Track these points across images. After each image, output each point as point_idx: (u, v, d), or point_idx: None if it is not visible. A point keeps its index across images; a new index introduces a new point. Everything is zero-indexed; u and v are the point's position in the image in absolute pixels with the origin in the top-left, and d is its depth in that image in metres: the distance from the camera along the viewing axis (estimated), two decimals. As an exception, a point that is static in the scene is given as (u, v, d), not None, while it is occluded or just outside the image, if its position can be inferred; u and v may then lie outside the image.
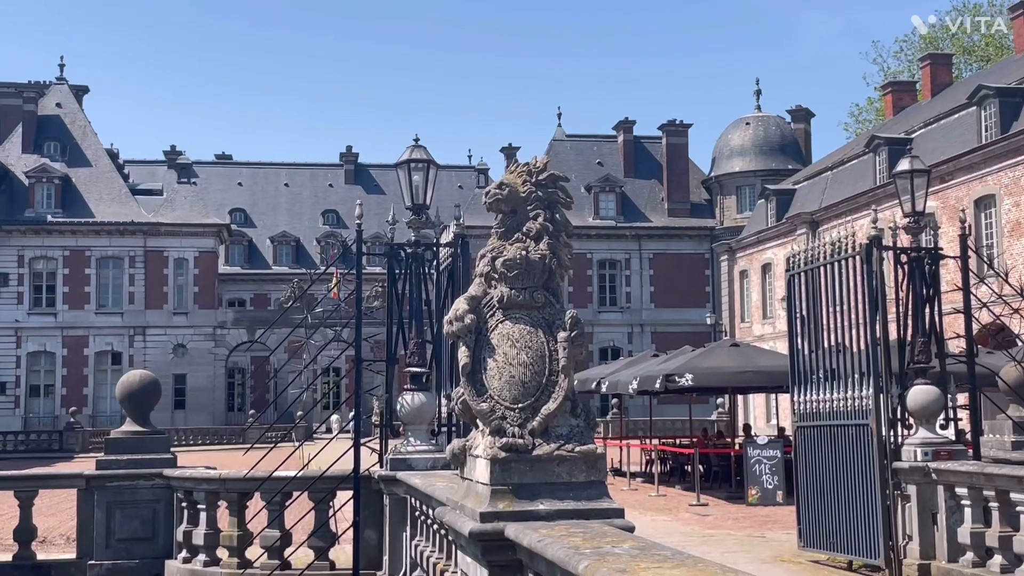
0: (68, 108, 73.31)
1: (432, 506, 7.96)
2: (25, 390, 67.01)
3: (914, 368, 14.00)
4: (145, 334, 68.14)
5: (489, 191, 5.74)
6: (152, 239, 69.15)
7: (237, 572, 11.82)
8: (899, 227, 14.86)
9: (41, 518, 13.65)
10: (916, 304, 14.24)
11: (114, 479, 13.23)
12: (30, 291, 67.67)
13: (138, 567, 12.88)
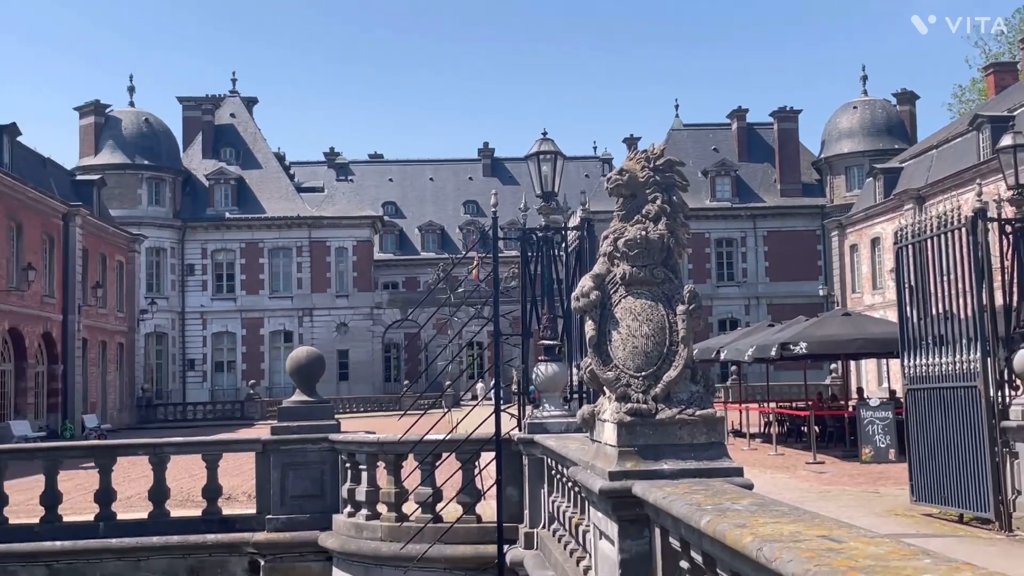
0: (241, 118, 75.14)
1: (566, 466, 7.91)
2: (211, 366, 69.17)
3: (1020, 332, 13.56)
4: (312, 315, 69.60)
5: (610, 177, 5.76)
6: (316, 231, 70.58)
7: (395, 525, 11.95)
8: (1003, 200, 14.45)
9: (226, 478, 13.98)
10: (1021, 272, 13.79)
11: (287, 444, 13.49)
12: (213, 280, 69.70)
13: (309, 521, 13.12)
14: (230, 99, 75.92)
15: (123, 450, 14.48)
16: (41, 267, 44.70)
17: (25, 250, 43.23)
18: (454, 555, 11.45)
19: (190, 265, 69.62)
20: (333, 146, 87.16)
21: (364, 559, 12.11)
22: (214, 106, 74.80)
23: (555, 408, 10.71)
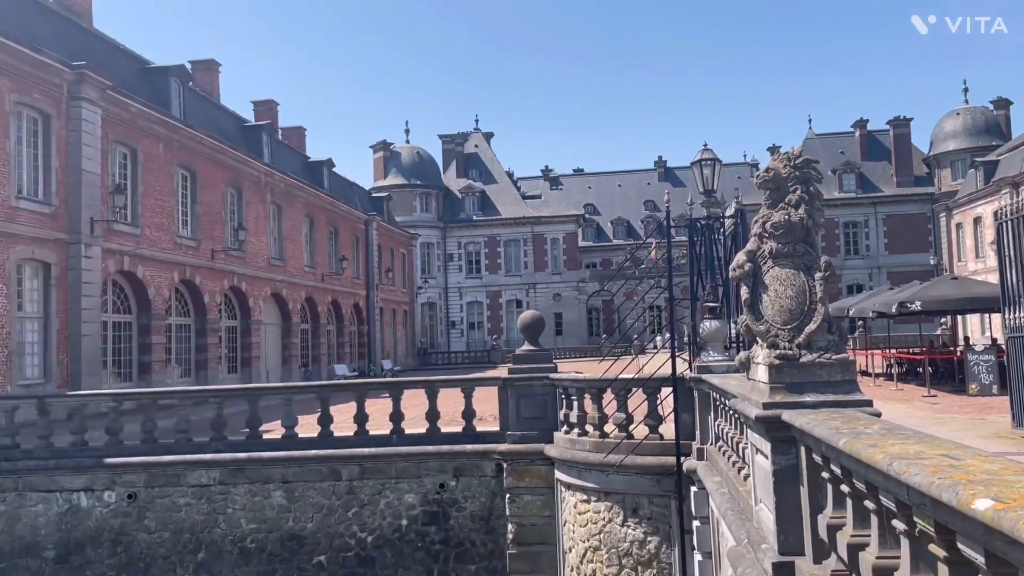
0: (482, 147, 76.84)
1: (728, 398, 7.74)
2: (466, 325, 71.39)
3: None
4: (535, 288, 70.74)
5: (759, 175, 5.71)
6: (536, 227, 71.70)
7: (599, 440, 11.98)
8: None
9: (477, 404, 14.28)
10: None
11: (519, 381, 13.72)
12: (465, 264, 71.86)
13: (536, 436, 13.30)
14: (474, 134, 77.80)
15: (408, 385, 15.07)
16: (351, 258, 47.06)
17: (340, 247, 45.64)
18: (643, 464, 11.39)
19: (450, 254, 72.07)
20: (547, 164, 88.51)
21: (577, 465, 12.20)
22: (463, 140, 76.93)
23: (717, 354, 10.58)
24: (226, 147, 32.06)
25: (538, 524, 13.14)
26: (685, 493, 10.84)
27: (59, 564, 13.92)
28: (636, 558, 11.51)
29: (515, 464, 13.31)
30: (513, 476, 13.28)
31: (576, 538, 12.30)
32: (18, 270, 21.49)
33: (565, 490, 12.66)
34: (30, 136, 22.25)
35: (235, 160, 32.86)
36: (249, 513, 13.78)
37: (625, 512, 11.62)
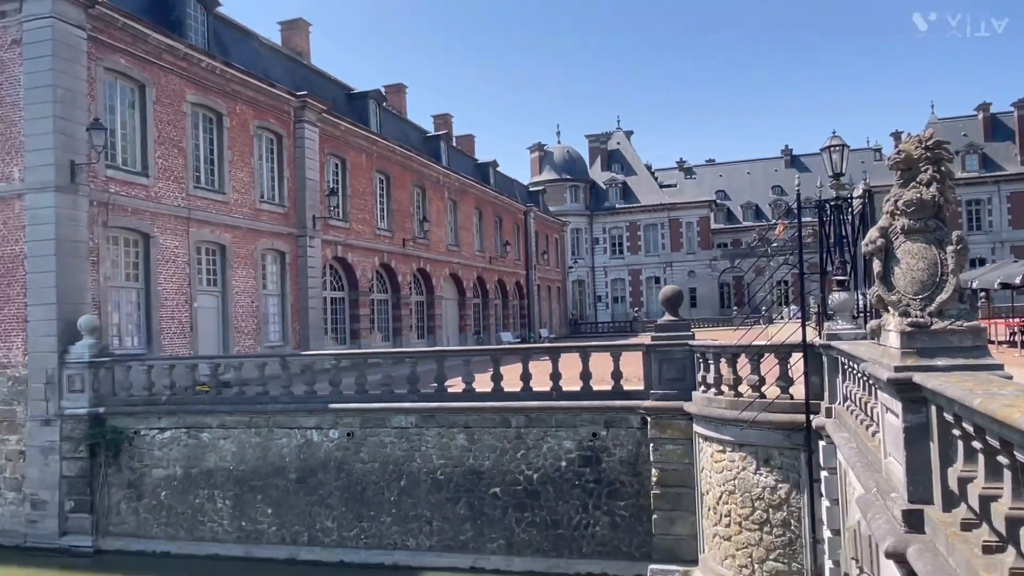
0: (623, 144, 75.73)
1: (857, 362, 7.40)
2: (611, 299, 70.92)
3: None
4: (671, 266, 69.22)
5: (891, 157, 5.54)
6: (672, 212, 70.09)
7: (733, 399, 11.70)
8: None
9: (624, 367, 14.21)
10: None
11: (661, 346, 13.54)
12: (609, 246, 71.26)
13: (676, 395, 13.11)
14: (616, 133, 76.70)
15: (564, 350, 15.15)
16: (513, 243, 47.75)
17: (504, 234, 46.38)
18: (775, 420, 11.05)
19: (596, 238, 71.68)
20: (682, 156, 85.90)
21: (714, 420, 11.98)
22: (606, 138, 76.08)
23: (845, 323, 10.09)
24: (412, 154, 33.25)
25: (678, 469, 13.03)
26: (813, 447, 10.47)
27: (299, 484, 14.97)
28: (767, 501, 11.24)
29: (658, 418, 13.21)
30: (656, 428, 13.20)
31: (712, 482, 12.13)
32: (262, 257, 23.20)
33: (703, 441, 12.48)
34: (268, 153, 23.93)
35: (419, 165, 34.04)
36: (439, 451, 14.32)
37: (758, 462, 11.35)
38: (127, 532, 15.96)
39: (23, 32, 16.67)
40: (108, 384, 16.37)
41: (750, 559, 11.38)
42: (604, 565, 13.30)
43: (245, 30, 25.19)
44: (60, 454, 16.15)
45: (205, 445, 15.62)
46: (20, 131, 16.72)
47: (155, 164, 19.24)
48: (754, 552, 11.35)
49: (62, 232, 16.46)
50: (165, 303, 19.23)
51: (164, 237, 19.32)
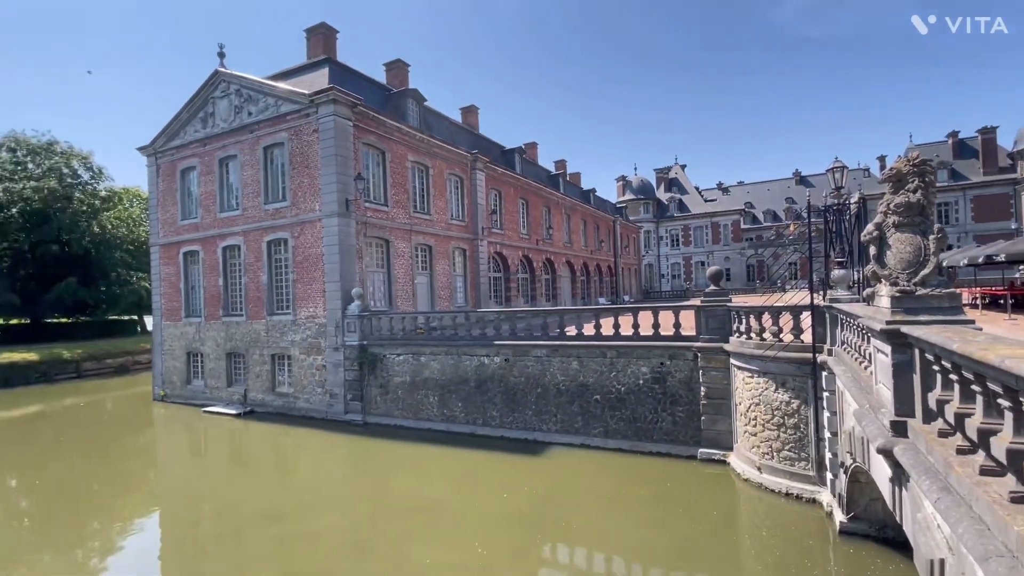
0: (679, 174, 71.50)
1: (854, 318, 6.66)
2: (670, 276, 67.36)
3: None
4: (712, 254, 64.87)
5: (884, 172, 5.06)
6: (712, 219, 65.57)
7: (759, 342, 10.90)
8: None
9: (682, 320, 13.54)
10: None
11: (708, 307, 12.77)
12: (669, 242, 67.60)
13: (718, 338, 12.37)
14: (675, 166, 72.42)
15: (641, 309, 14.65)
16: (606, 241, 46.54)
17: (600, 235, 45.28)
18: (789, 356, 10.20)
19: (660, 236, 68.18)
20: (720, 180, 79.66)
21: (744, 356, 11.23)
22: (668, 170, 72.05)
23: (843, 292, 9.07)
24: (541, 187, 33.11)
25: (719, 387, 12.37)
26: (817, 375, 9.59)
27: (476, 389, 15.42)
28: (783, 411, 10.45)
29: (705, 354, 12.57)
30: (704, 360, 12.57)
31: (743, 397, 11.42)
32: (452, 253, 23.98)
33: (736, 370, 11.76)
34: (455, 189, 24.64)
35: (546, 193, 33.85)
36: (561, 371, 14.35)
37: (776, 384, 10.56)
38: (380, 413, 16.98)
39: (319, 124, 18.06)
40: (368, 328, 17.39)
41: (771, 448, 10.65)
42: (668, 447, 12.92)
43: (440, 114, 25.98)
44: (344, 367, 17.43)
45: (422, 364, 16.30)
46: (318, 182, 18.14)
47: (391, 198, 20.25)
48: (773, 444, 10.61)
49: (341, 240, 17.74)
50: (397, 281, 20.22)
51: (396, 242, 20.29)
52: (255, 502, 10.91)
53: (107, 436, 17.42)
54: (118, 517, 10.66)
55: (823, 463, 9.74)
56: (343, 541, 8.99)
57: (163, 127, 22.26)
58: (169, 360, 22.71)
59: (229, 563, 8.38)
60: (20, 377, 28.45)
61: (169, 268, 22.79)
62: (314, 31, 20.79)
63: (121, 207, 42.80)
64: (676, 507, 9.89)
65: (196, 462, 14.50)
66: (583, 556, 8.34)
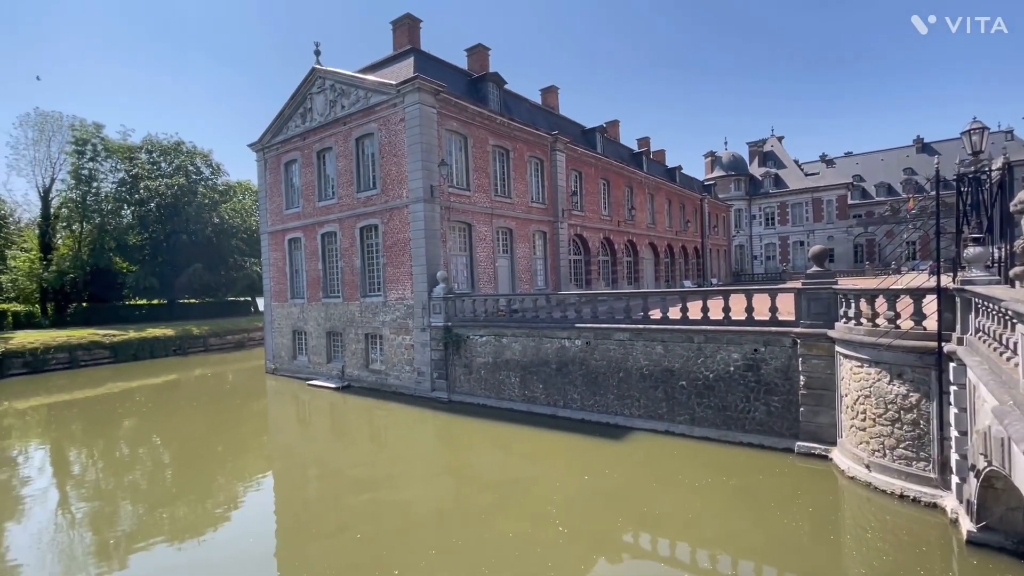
0: (775, 146, 65.89)
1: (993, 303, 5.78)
2: (764, 257, 62.77)
3: None
4: (813, 233, 59.30)
5: None
6: (814, 194, 59.79)
7: (871, 328, 9.88)
8: None
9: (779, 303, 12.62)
10: None
11: (810, 290, 11.78)
12: (763, 220, 62.77)
13: (821, 324, 11.40)
14: (770, 139, 66.76)
15: (733, 291, 13.84)
16: (693, 221, 44.28)
17: (686, 215, 43.11)
18: (907, 345, 9.16)
19: (753, 215, 63.50)
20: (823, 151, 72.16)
21: (853, 343, 10.25)
22: (762, 143, 66.63)
23: (979, 272, 7.88)
24: (623, 166, 32.07)
25: (821, 377, 11.41)
26: (943, 367, 8.52)
27: (557, 371, 15.40)
28: (899, 405, 9.43)
29: (805, 340, 11.63)
30: (804, 347, 11.63)
31: (851, 388, 10.45)
32: (533, 236, 23.98)
33: (843, 358, 10.76)
34: (535, 171, 24.56)
35: (628, 172, 32.77)
36: (644, 355, 13.96)
37: (891, 375, 9.53)
38: (464, 391, 17.51)
39: (404, 113, 18.74)
40: (452, 309, 17.82)
41: (882, 445, 9.70)
42: (761, 439, 12.19)
43: (520, 96, 25.90)
44: (430, 347, 18.08)
45: (504, 345, 16.56)
46: (405, 170, 18.91)
47: (473, 183, 20.62)
48: (885, 441, 9.64)
49: (427, 225, 18.39)
50: (479, 264, 20.56)
51: (478, 225, 20.63)
52: (352, 469, 11.85)
53: (228, 403, 19.69)
54: (239, 475, 12.07)
55: (947, 465, 8.71)
56: (429, 510, 9.52)
57: (269, 124, 24.25)
58: (278, 337, 25.09)
59: (332, 522, 9.20)
60: (161, 349, 32.96)
61: (276, 254, 25.03)
62: (399, 22, 21.47)
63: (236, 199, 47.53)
64: (768, 501, 9.35)
65: (302, 430, 15.98)
66: (666, 544, 8.17)
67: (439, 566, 7.61)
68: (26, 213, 43.99)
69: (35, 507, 10.31)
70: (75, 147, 38.46)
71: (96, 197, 39.30)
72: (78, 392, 22.38)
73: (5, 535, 9.16)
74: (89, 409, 19.20)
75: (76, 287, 38.22)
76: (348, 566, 7.71)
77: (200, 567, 7.89)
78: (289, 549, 8.44)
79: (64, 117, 39.01)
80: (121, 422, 17.10)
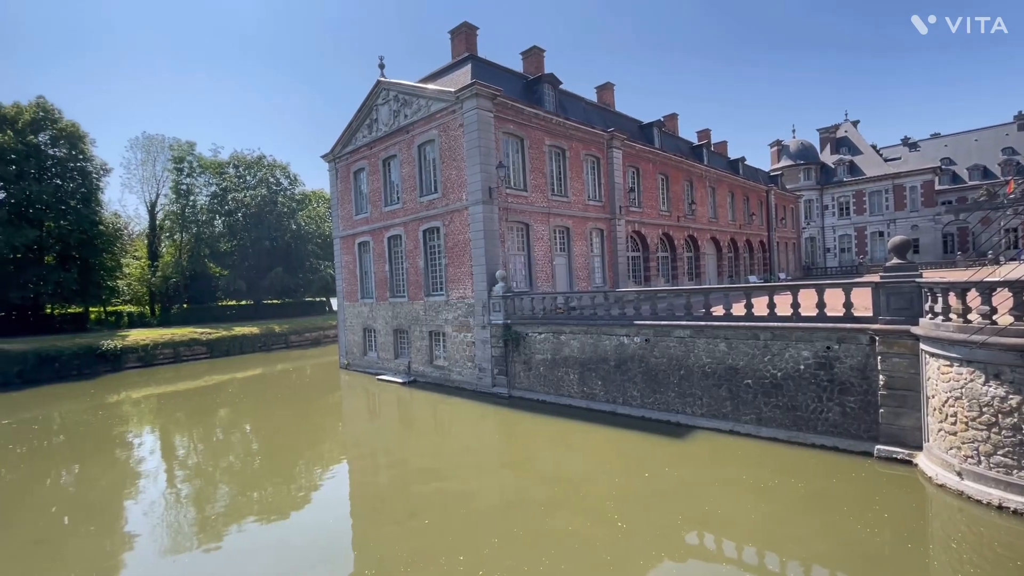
0: (850, 131, 61.06)
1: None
2: (838, 250, 58.31)
3: None
4: (895, 222, 54.35)
5: None
6: (896, 180, 54.67)
7: (962, 324, 8.96)
8: None
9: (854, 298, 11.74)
10: None
11: (889, 284, 10.89)
12: (837, 211, 58.31)
13: (903, 320, 10.51)
14: (844, 124, 61.86)
15: (802, 286, 13.05)
16: (758, 214, 41.99)
17: (751, 207, 40.92)
18: (1006, 343, 8.26)
19: (825, 205, 59.11)
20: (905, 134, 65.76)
21: (941, 341, 9.36)
22: (835, 129, 61.90)
23: (1093, 262, 6.97)
24: (681, 159, 30.98)
25: (904, 377, 10.51)
26: (1050, 366, 7.59)
27: (616, 368, 15.15)
28: (997, 408, 8.52)
29: (885, 337, 10.76)
30: (884, 345, 10.76)
31: (939, 389, 9.55)
32: (590, 234, 23.68)
33: (929, 357, 9.86)
34: (591, 169, 24.26)
35: (687, 166, 31.61)
36: (706, 353, 13.46)
37: (986, 375, 8.62)
38: (523, 387, 17.59)
39: (463, 118, 19.13)
40: (511, 307, 17.93)
41: (976, 452, 8.80)
42: (835, 441, 11.42)
43: (576, 95, 25.66)
44: (490, 344, 18.31)
45: (562, 342, 16.48)
46: (464, 173, 19.29)
47: (530, 183, 20.68)
48: (980, 447, 8.75)
49: (486, 226, 18.65)
50: (537, 263, 20.58)
51: (536, 225, 20.63)
52: (419, 459, 12.29)
53: (307, 396, 20.97)
54: (317, 462, 12.85)
55: (1056, 475, 7.77)
56: (491, 502, 9.70)
57: (339, 135, 25.58)
58: (350, 335, 26.42)
59: (401, 509, 9.60)
60: (248, 346, 35.69)
61: (347, 257, 26.37)
62: (456, 31, 21.93)
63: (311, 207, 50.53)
64: (842, 506, 8.75)
65: (373, 421, 16.75)
66: (732, 547, 7.85)
67: (502, 554, 7.76)
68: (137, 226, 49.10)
69: (148, 485, 11.51)
70: (174, 165, 42.45)
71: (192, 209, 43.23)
72: (181, 384, 24.69)
73: (125, 510, 10.31)
74: (190, 399, 21.10)
75: (178, 290, 42.19)
76: (417, 550, 8.04)
77: (286, 546, 8.47)
78: (364, 533, 8.91)
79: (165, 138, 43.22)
80: (217, 411, 18.69)
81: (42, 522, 9.58)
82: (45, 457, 13.79)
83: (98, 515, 9.89)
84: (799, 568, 7.24)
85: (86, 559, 8.18)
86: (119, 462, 13.26)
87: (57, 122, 32.17)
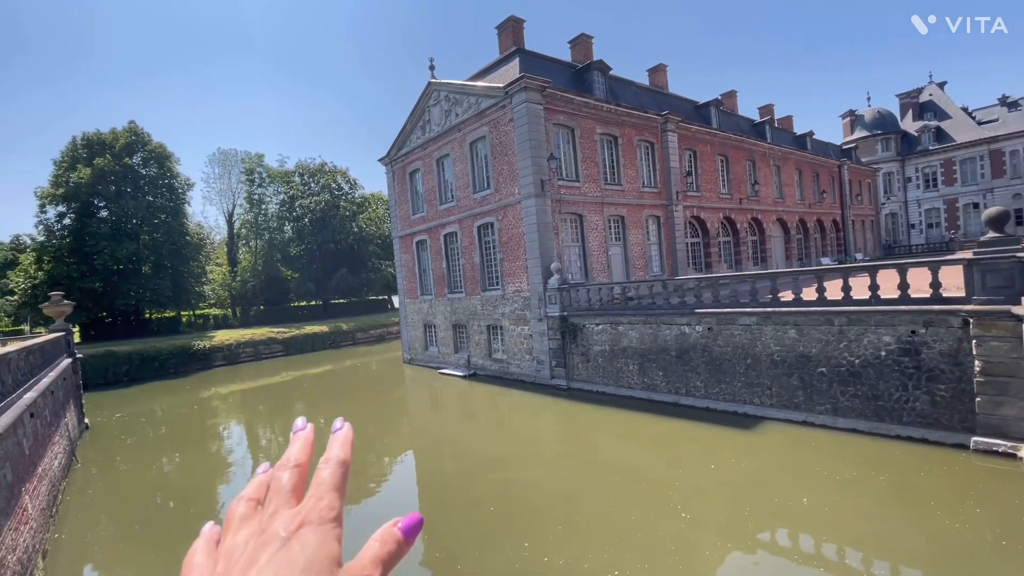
0: (936, 94, 55.38)
1: None
2: (924, 226, 53.22)
3: None
4: (992, 192, 48.81)
5: None
6: (992, 145, 48.93)
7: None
8: None
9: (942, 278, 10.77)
10: None
11: (984, 260, 9.96)
12: (922, 183, 53.20)
13: (1002, 300, 9.58)
14: (928, 86, 56.02)
15: (882, 267, 12.15)
16: (829, 191, 39.27)
17: (821, 185, 38.29)
18: None
19: (908, 177, 54.14)
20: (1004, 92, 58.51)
21: (1048, 321, 8.46)
22: (917, 93, 56.19)
23: None
24: (742, 139, 29.51)
25: (1004, 362, 9.58)
26: None
27: (677, 358, 14.85)
28: (1119, 395, 7.59)
29: (981, 319, 9.83)
30: (979, 328, 9.85)
31: (1046, 375, 8.63)
32: (646, 222, 23.23)
33: (1034, 339, 8.93)
34: (645, 155, 23.69)
35: (748, 144, 30.06)
36: (775, 341, 12.89)
37: (1105, 359, 7.70)
38: (582, 379, 17.58)
39: (513, 113, 19.24)
40: (567, 299, 17.94)
41: (1095, 444, 7.89)
42: (924, 432, 10.59)
43: (627, 80, 25.10)
44: (547, 336, 18.41)
45: (620, 333, 16.30)
46: (516, 168, 19.42)
47: (582, 173, 20.51)
48: (1100, 439, 7.83)
49: (539, 219, 18.73)
50: (592, 253, 20.46)
51: (589, 215, 20.50)
52: (482, 449, 12.64)
53: (374, 389, 22.03)
54: (385, 452, 13.50)
55: None
56: (554, 492, 9.83)
57: (394, 139, 26.49)
58: (411, 331, 27.42)
59: (466, 497, 9.94)
60: (319, 343, 37.92)
61: (406, 256, 27.32)
62: (503, 26, 22.03)
63: (371, 209, 52.69)
64: (930, 502, 8.13)
65: (436, 413, 17.36)
66: (808, 541, 7.52)
67: (566, 542, 7.88)
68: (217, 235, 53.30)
69: (237, 472, 12.61)
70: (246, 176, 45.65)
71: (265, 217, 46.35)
72: (262, 380, 26.68)
73: (219, 495, 11.35)
74: (270, 394, 22.73)
75: (255, 293, 45.51)
76: (484, 536, 8.32)
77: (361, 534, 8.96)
78: (431, 519, 9.31)
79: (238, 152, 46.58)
80: (294, 405, 20.07)
81: (152, 506, 10.78)
82: (151, 448, 15.41)
83: (196, 500, 10.95)
84: (884, 565, 6.84)
85: (190, 538, 9.09)
86: (212, 452, 14.60)
87: (147, 144, 35.53)
